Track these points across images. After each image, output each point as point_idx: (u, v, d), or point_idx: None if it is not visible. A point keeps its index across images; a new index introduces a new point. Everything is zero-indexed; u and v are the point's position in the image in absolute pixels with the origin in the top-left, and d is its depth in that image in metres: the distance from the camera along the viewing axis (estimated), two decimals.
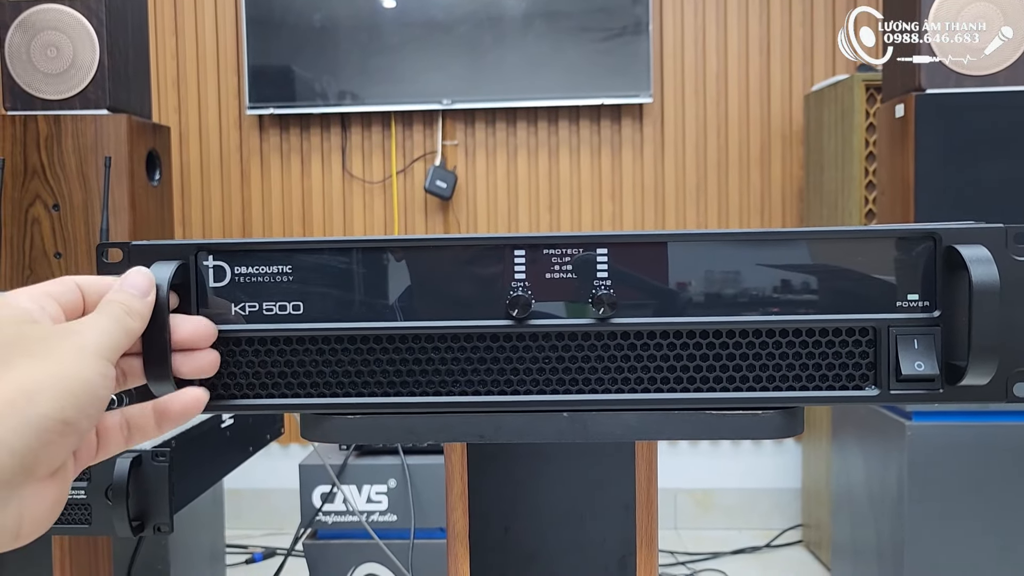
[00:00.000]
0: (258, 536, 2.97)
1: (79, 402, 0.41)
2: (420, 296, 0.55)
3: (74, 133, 2.04)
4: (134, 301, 0.48)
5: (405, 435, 0.56)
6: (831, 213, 2.66)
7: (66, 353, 0.41)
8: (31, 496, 0.40)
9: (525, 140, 3.02)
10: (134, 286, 0.49)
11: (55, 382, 0.40)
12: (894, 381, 0.54)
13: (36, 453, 0.39)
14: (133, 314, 0.47)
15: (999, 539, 1.78)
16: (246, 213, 3.07)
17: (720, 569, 2.69)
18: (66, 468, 0.43)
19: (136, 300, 0.48)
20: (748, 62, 2.98)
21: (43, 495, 0.41)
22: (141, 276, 0.50)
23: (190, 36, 3.06)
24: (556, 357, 0.55)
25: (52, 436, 0.39)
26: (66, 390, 0.40)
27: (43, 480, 0.41)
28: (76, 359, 0.41)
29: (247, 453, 1.43)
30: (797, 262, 0.54)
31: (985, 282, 0.50)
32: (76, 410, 0.40)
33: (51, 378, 0.40)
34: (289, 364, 0.55)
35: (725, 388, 0.55)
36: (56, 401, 0.40)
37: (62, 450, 0.40)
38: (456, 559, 0.69)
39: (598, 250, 0.54)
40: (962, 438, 1.78)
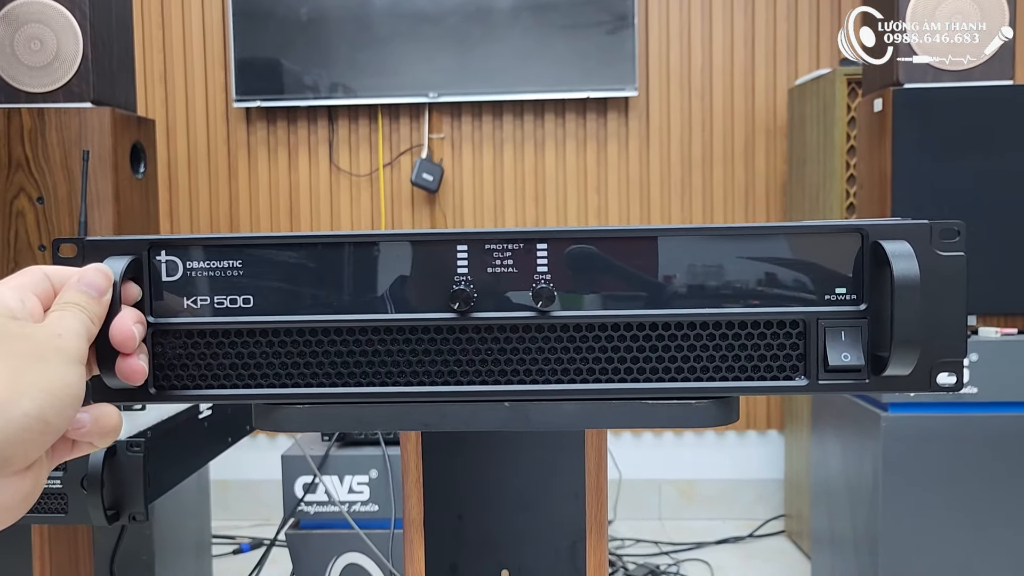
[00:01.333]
0: (246, 527, 2.99)
1: (60, 403, 0.43)
2: (367, 289, 0.57)
3: (58, 126, 2.05)
4: (92, 304, 0.49)
5: (353, 423, 0.58)
6: (813, 206, 2.68)
7: (50, 356, 0.44)
8: (6, 488, 0.43)
9: (511, 133, 3.03)
10: (91, 285, 0.50)
11: (40, 383, 0.42)
12: (822, 371, 0.56)
13: (14, 448, 0.42)
14: (93, 316, 0.49)
15: (972, 528, 1.81)
16: (233, 206, 3.08)
17: (703, 559, 2.72)
18: (41, 463, 0.45)
19: (94, 302, 0.49)
20: (733, 56, 3.00)
21: (17, 487, 0.44)
22: (99, 275, 0.51)
23: (176, 29, 3.07)
24: (498, 349, 0.57)
25: (32, 434, 0.42)
26: (49, 392, 0.43)
27: (18, 473, 0.43)
28: (59, 363, 0.44)
29: (226, 444, 1.44)
30: (730, 257, 0.56)
31: (906, 276, 0.52)
32: (56, 411, 0.43)
33: (36, 379, 0.42)
34: (240, 356, 0.57)
35: (661, 379, 0.57)
36: (38, 401, 0.42)
37: (38, 447, 0.43)
38: (412, 545, 0.71)
39: (538, 245, 0.56)
40: (936, 429, 1.80)
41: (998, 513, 1.80)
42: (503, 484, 0.71)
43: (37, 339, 0.44)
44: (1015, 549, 1.80)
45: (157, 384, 0.57)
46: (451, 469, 0.71)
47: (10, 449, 0.41)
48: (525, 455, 0.71)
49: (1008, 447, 1.79)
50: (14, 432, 0.41)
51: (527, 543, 0.71)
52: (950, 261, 0.55)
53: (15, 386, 0.41)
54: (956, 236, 0.55)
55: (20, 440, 0.41)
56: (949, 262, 0.55)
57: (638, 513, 3.05)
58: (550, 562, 0.71)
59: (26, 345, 0.43)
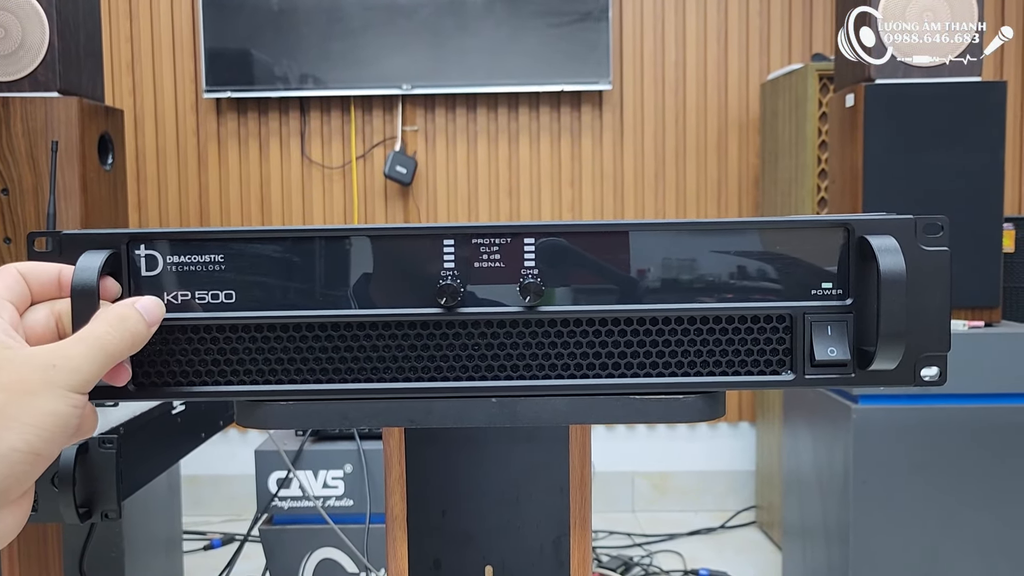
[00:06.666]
0: (217, 522, 2.96)
1: (49, 435, 0.42)
2: (352, 284, 0.56)
3: (23, 116, 2.00)
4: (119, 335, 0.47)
5: (338, 420, 0.57)
6: (785, 201, 2.70)
7: (39, 388, 0.42)
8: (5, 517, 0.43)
9: (485, 126, 3.02)
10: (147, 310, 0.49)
11: (25, 418, 0.41)
12: (808, 366, 0.56)
13: (7, 482, 0.41)
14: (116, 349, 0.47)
15: (942, 518, 1.84)
16: (203, 198, 3.04)
17: (676, 550, 2.74)
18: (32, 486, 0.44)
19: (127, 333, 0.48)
20: (706, 51, 3.01)
21: (14, 514, 0.43)
22: (155, 305, 0.51)
23: (145, 18, 3.01)
24: (485, 344, 0.56)
25: (23, 467, 0.41)
26: (36, 425, 0.41)
27: (15, 502, 0.43)
28: (48, 396, 0.42)
29: (199, 439, 1.42)
30: (717, 251, 0.56)
31: (892, 271, 0.52)
32: (45, 443, 0.42)
33: (20, 413, 0.41)
34: (222, 352, 0.56)
35: (648, 374, 0.57)
36: (25, 435, 0.41)
37: (31, 477, 0.42)
38: (395, 542, 0.70)
39: (525, 240, 0.56)
40: (906, 420, 1.83)
41: (967, 503, 1.83)
42: (487, 479, 0.71)
43: (26, 368, 0.42)
44: (983, 538, 1.84)
45: (137, 381, 0.56)
46: (434, 465, 0.70)
47: (3, 483, 0.41)
48: (509, 450, 0.70)
49: (976, 438, 1.82)
50: (5, 466, 0.40)
51: (511, 538, 0.70)
52: (934, 256, 0.55)
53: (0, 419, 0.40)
54: (940, 231, 0.55)
55: (12, 473, 0.41)
56: (933, 257, 0.55)
57: (611, 506, 3.07)
58: (534, 557, 0.70)
59: (11, 376, 0.42)
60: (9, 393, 0.41)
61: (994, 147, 1.88)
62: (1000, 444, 1.82)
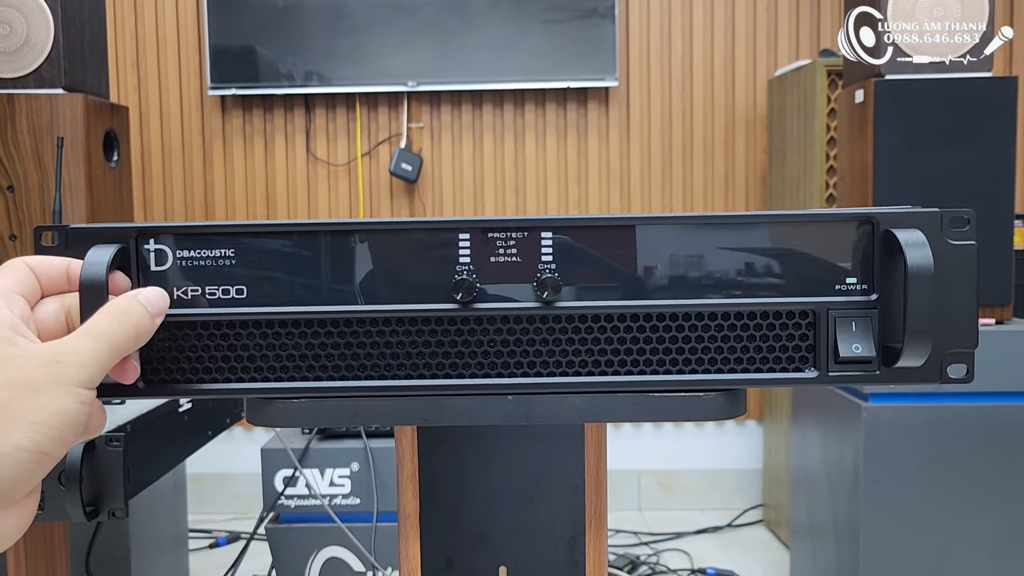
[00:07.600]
0: (222, 520, 2.96)
1: (56, 433, 0.41)
2: (364, 280, 0.55)
3: (29, 113, 1.99)
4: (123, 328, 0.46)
5: (350, 418, 0.56)
6: (793, 197, 2.68)
7: (43, 385, 0.41)
8: (9, 517, 0.42)
9: (491, 123, 3.01)
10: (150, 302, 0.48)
11: (30, 415, 0.40)
12: (832, 363, 0.55)
13: (12, 480, 0.40)
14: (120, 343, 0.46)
15: (952, 516, 1.82)
16: (208, 196, 3.03)
17: (683, 549, 2.73)
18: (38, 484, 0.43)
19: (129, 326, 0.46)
20: (713, 46, 2.99)
21: (19, 513, 0.42)
22: (159, 296, 0.49)
23: (150, 14, 3.00)
24: (501, 340, 0.55)
25: (29, 465, 0.40)
26: (41, 423, 0.40)
27: (20, 501, 0.42)
28: (54, 392, 0.41)
29: (206, 437, 1.42)
30: (739, 246, 0.55)
31: (920, 266, 0.51)
32: (52, 441, 0.41)
33: (25, 410, 0.40)
34: (233, 348, 0.55)
35: (668, 371, 0.55)
36: (31, 433, 0.40)
37: (38, 476, 0.41)
38: (407, 541, 0.69)
39: (543, 234, 0.55)
40: (917, 419, 1.81)
41: (977, 502, 1.82)
42: (500, 478, 0.69)
43: (30, 365, 0.41)
44: (993, 537, 1.82)
45: (146, 378, 0.55)
46: (447, 462, 0.69)
47: (8, 482, 0.40)
48: (523, 448, 0.69)
49: (987, 437, 1.81)
50: (11, 465, 0.40)
51: (525, 538, 0.69)
52: (961, 249, 0.54)
53: (3, 418, 0.39)
54: (966, 225, 0.54)
55: (18, 472, 0.40)
56: (960, 251, 0.54)
57: (618, 504, 3.06)
58: (549, 557, 0.69)
59: (16, 373, 0.41)
60: (13, 390, 0.40)
61: (1005, 143, 1.86)
62: (1011, 443, 1.81)
